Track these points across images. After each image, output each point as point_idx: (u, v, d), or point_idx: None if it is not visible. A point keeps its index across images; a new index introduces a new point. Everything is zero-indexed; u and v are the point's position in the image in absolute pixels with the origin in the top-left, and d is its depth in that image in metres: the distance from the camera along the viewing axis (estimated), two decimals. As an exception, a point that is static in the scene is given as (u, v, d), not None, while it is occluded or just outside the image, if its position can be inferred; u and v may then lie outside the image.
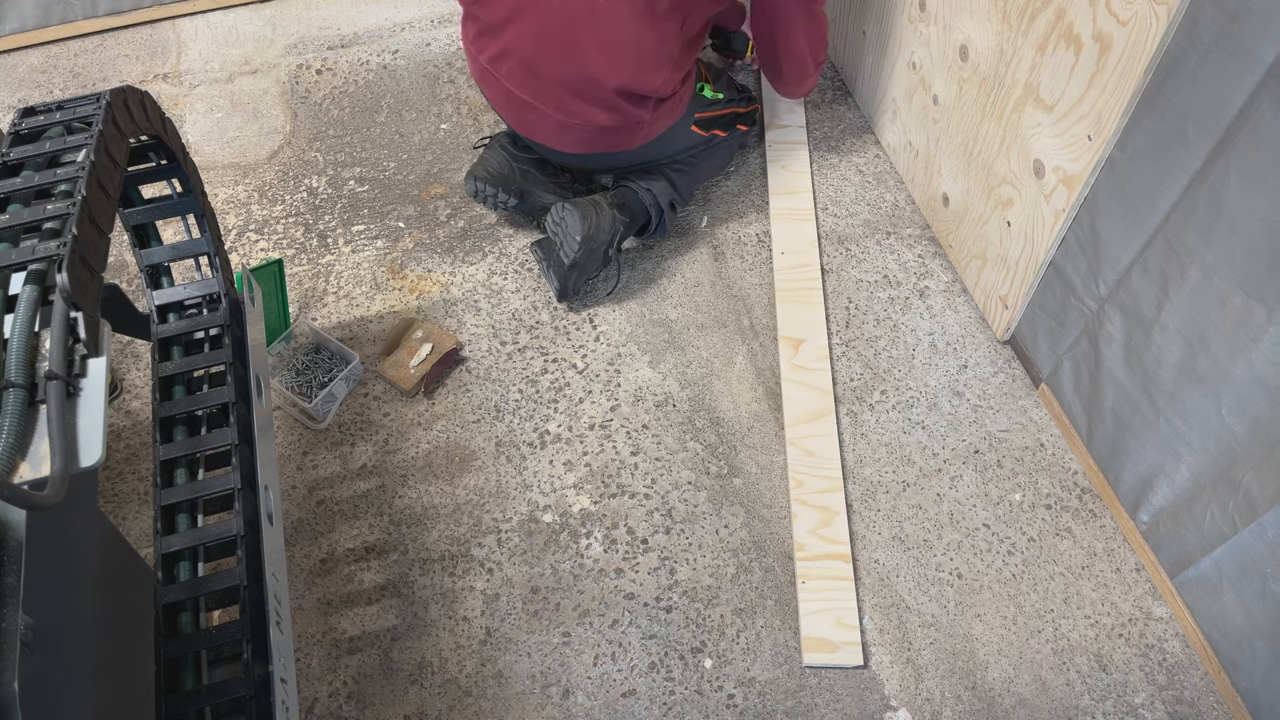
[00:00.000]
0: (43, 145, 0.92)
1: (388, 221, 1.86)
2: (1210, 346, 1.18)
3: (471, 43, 1.63)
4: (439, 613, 1.37)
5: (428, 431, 1.56)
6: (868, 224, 1.85)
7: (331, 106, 2.07)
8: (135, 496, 1.47)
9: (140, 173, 1.14)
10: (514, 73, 1.57)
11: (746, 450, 1.54)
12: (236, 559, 0.98)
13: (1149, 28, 1.12)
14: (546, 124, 1.61)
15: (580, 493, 1.49)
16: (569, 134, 1.61)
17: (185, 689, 0.92)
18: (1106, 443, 1.44)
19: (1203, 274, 1.17)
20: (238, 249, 1.81)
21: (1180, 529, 1.31)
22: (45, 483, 0.66)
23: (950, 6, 1.57)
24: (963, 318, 1.70)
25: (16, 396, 0.70)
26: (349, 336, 1.68)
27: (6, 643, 0.62)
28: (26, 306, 0.75)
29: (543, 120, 1.60)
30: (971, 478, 1.51)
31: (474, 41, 1.61)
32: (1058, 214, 1.39)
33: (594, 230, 1.63)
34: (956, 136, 1.64)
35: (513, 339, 1.68)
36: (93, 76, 2.14)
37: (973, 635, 1.35)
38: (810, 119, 2.04)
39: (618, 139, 1.62)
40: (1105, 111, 1.23)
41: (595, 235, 1.63)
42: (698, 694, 1.30)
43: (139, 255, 1.20)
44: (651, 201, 1.72)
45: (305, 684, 1.31)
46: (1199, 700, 1.30)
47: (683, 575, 1.41)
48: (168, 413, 1.07)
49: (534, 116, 1.61)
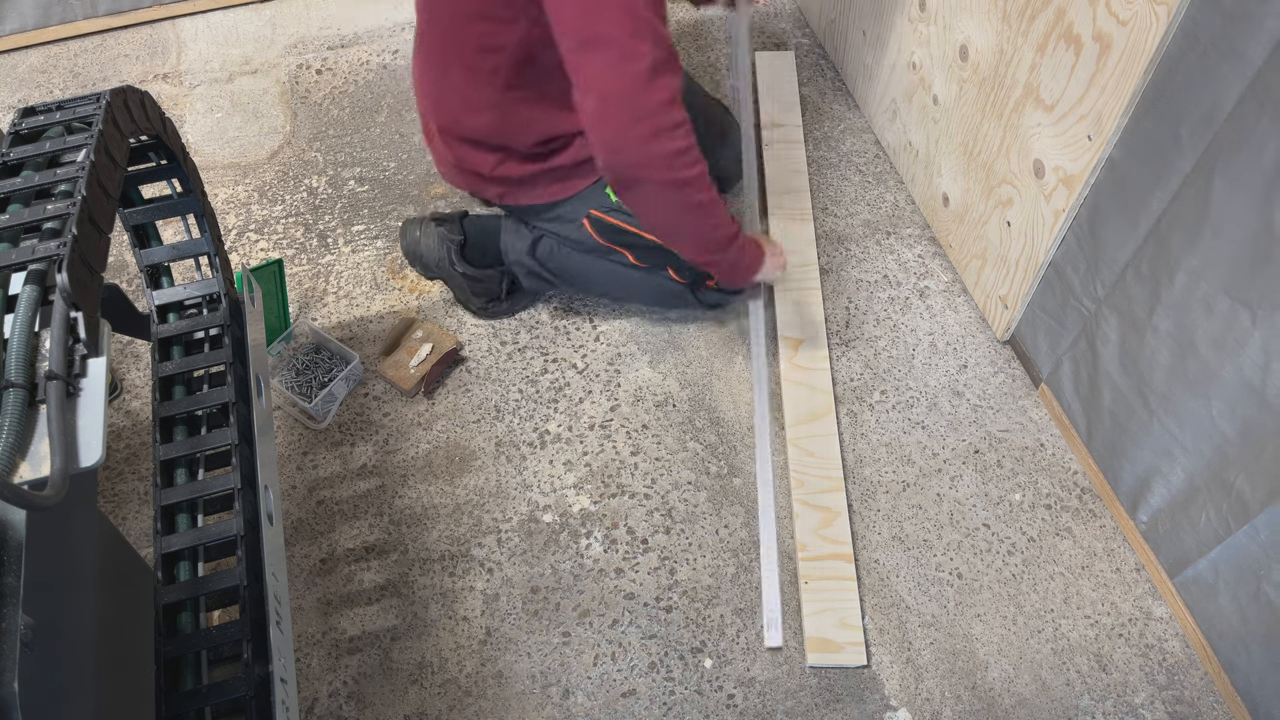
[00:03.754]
0: (43, 145, 0.92)
1: (388, 221, 1.86)
2: (1199, 350, 1.18)
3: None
4: (439, 613, 1.37)
5: (428, 431, 1.56)
6: (867, 224, 1.85)
7: (331, 106, 2.07)
8: (135, 496, 1.47)
9: (140, 173, 1.14)
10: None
11: (746, 450, 1.54)
12: (236, 559, 0.98)
13: (1149, 28, 1.12)
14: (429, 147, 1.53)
15: (580, 493, 1.49)
16: (439, 163, 1.51)
17: (185, 689, 0.92)
18: (1105, 443, 1.44)
19: (1189, 277, 1.18)
20: (238, 249, 1.81)
21: (1178, 530, 1.31)
22: (45, 483, 0.66)
23: (950, 6, 1.57)
24: (963, 318, 1.70)
25: (16, 396, 0.70)
26: (349, 336, 1.68)
27: (6, 643, 0.62)
28: (26, 306, 0.75)
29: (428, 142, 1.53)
30: (971, 478, 1.51)
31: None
32: (1058, 214, 1.39)
33: (411, 245, 1.63)
34: (956, 136, 1.64)
35: (513, 339, 1.68)
36: (93, 76, 2.14)
37: (973, 635, 1.35)
38: (810, 119, 2.04)
39: (475, 185, 1.48)
40: (1105, 112, 1.23)
41: (420, 253, 1.62)
42: (698, 694, 1.30)
43: (139, 255, 1.19)
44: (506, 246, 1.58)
45: (305, 684, 1.31)
46: (1199, 700, 1.30)
47: (683, 575, 1.41)
48: (168, 413, 1.07)
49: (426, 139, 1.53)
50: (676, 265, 1.50)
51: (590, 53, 1.06)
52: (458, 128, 1.39)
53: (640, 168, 1.14)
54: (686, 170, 1.15)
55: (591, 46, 1.06)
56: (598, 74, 1.07)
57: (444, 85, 1.36)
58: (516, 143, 1.38)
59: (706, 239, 1.29)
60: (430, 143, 1.51)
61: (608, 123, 1.10)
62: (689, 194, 1.19)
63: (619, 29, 1.04)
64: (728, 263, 1.35)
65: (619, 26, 1.03)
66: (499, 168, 1.41)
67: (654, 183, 1.16)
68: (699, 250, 1.32)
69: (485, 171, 1.42)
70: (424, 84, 1.42)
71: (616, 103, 1.08)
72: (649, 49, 1.04)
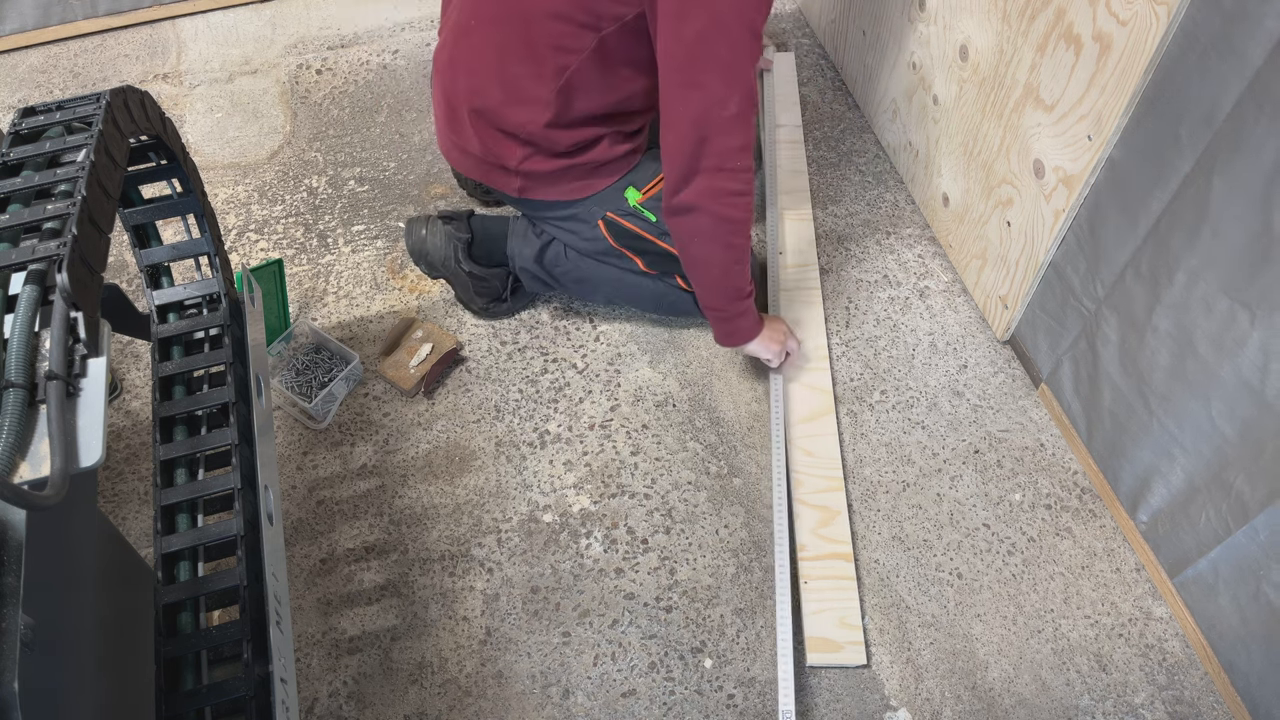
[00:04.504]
0: (43, 145, 0.92)
1: (388, 221, 1.86)
2: (1199, 350, 1.18)
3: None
4: (439, 613, 1.37)
5: (428, 431, 1.56)
6: (867, 224, 1.85)
7: (331, 106, 2.07)
8: (135, 496, 1.47)
9: (140, 173, 1.14)
10: (433, 78, 1.52)
11: (746, 450, 1.54)
12: (236, 559, 0.98)
13: (1149, 28, 1.12)
14: (440, 132, 1.53)
15: (580, 493, 1.49)
16: (451, 150, 1.51)
17: (185, 689, 0.92)
18: (1105, 443, 1.44)
19: (1189, 277, 1.18)
20: (238, 249, 1.81)
21: (1178, 530, 1.31)
22: (45, 483, 0.66)
23: (950, 6, 1.57)
24: (963, 318, 1.70)
25: (16, 396, 0.70)
26: (349, 336, 1.68)
27: (6, 643, 0.62)
28: (26, 306, 0.75)
29: (439, 127, 1.53)
30: (971, 478, 1.51)
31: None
32: (1058, 214, 1.39)
33: (417, 243, 1.62)
34: (956, 136, 1.64)
35: (513, 339, 1.68)
36: (93, 76, 2.14)
37: (973, 635, 1.35)
38: (810, 119, 2.04)
39: (493, 176, 1.47)
40: (1105, 112, 1.23)
41: (425, 251, 1.61)
42: (698, 694, 1.30)
43: (139, 255, 1.19)
44: (513, 251, 1.61)
45: (305, 684, 1.31)
46: (1199, 700, 1.30)
47: (683, 575, 1.41)
48: (168, 413, 1.07)
49: (437, 124, 1.54)
50: (684, 274, 1.53)
51: (689, 91, 1.21)
52: (497, 117, 1.39)
53: (700, 195, 1.27)
54: (737, 212, 1.29)
55: (692, 88, 1.20)
56: (690, 111, 1.21)
57: (497, 74, 1.36)
58: (553, 142, 1.39)
59: (724, 281, 1.39)
60: (451, 127, 1.48)
61: (686, 151, 1.24)
62: (730, 233, 1.31)
63: (719, 81, 1.19)
64: (726, 316, 1.45)
65: (719, 79, 1.19)
66: (526, 161, 1.42)
67: (706, 212, 1.28)
68: (712, 290, 1.42)
69: (511, 164, 1.43)
70: (469, 69, 1.39)
71: (699, 138, 1.22)
72: (737, 101, 1.20)
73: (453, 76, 1.43)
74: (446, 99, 1.46)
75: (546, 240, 1.58)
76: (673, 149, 1.25)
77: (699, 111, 1.21)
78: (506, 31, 1.32)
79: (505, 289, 1.65)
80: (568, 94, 1.34)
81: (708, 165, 1.24)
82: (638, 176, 1.48)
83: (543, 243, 1.58)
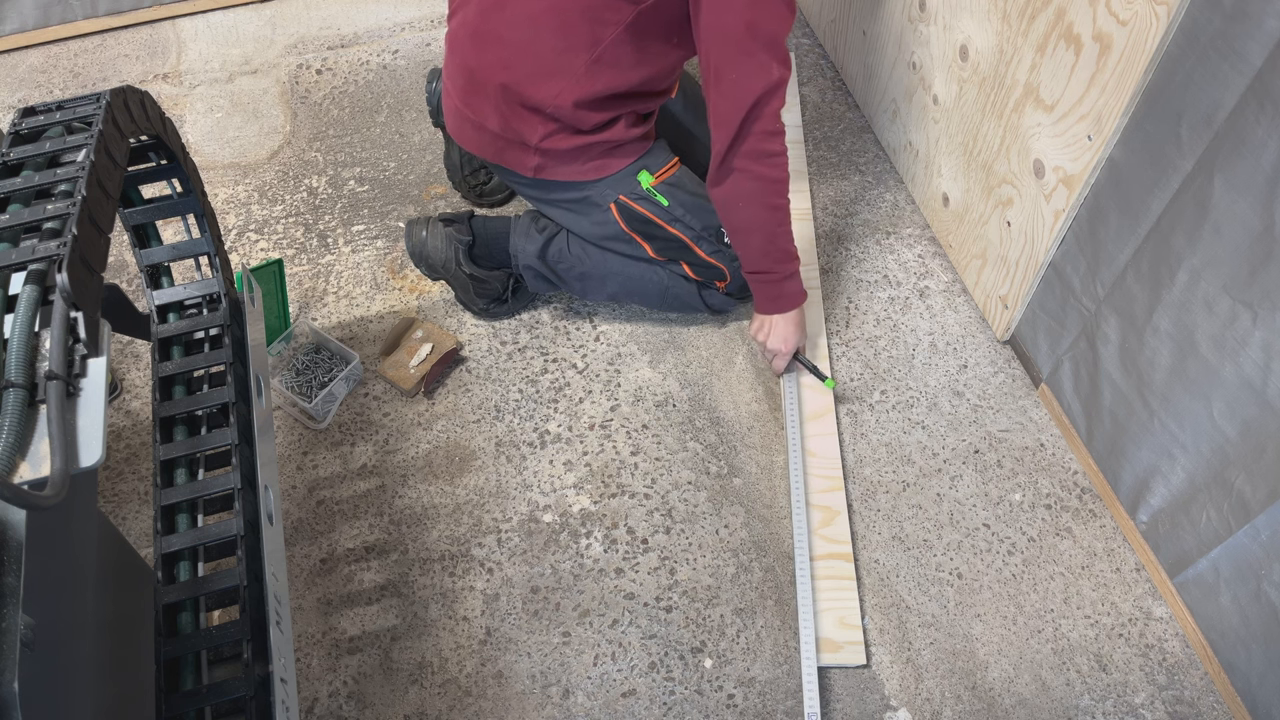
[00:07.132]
0: (43, 145, 0.92)
1: (388, 221, 1.86)
2: (1200, 350, 1.18)
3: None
4: (439, 613, 1.37)
5: (428, 431, 1.56)
6: (867, 224, 1.85)
7: (331, 106, 2.07)
8: (135, 496, 1.47)
9: (140, 173, 1.14)
10: (447, 55, 1.51)
11: (746, 450, 1.54)
12: (236, 559, 0.98)
13: (1149, 28, 1.12)
14: (452, 110, 1.52)
15: (580, 493, 1.49)
16: (465, 127, 1.50)
17: (185, 689, 0.92)
18: (1105, 443, 1.44)
19: (1190, 277, 1.17)
20: (238, 249, 1.81)
21: (1178, 530, 1.31)
22: (45, 483, 0.66)
23: (950, 6, 1.57)
24: (963, 318, 1.70)
25: (16, 396, 0.70)
26: (349, 336, 1.68)
27: (6, 643, 0.62)
28: (26, 306, 0.75)
29: (451, 105, 1.52)
30: (971, 478, 1.51)
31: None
32: (1058, 214, 1.39)
33: (418, 245, 1.61)
34: (956, 136, 1.64)
35: (513, 339, 1.68)
36: (93, 76, 2.14)
37: (973, 635, 1.35)
38: (810, 119, 2.04)
39: (508, 155, 1.48)
40: (1105, 112, 1.23)
41: (426, 254, 1.61)
42: (698, 694, 1.30)
43: (139, 255, 1.19)
44: (516, 248, 1.60)
45: (305, 684, 1.31)
46: (1199, 700, 1.30)
47: (683, 575, 1.41)
48: (168, 413, 1.07)
49: (449, 102, 1.53)
50: (691, 261, 1.56)
51: (743, 59, 1.29)
52: (525, 90, 1.39)
53: (745, 158, 1.35)
54: (776, 171, 1.37)
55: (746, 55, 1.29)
56: (743, 77, 1.29)
57: (531, 46, 1.37)
58: (579, 120, 1.41)
59: (772, 241, 1.45)
60: (467, 103, 1.46)
61: (738, 117, 1.32)
62: (772, 193, 1.39)
63: (767, 49, 1.28)
64: (774, 279, 1.48)
65: (768, 47, 1.28)
66: (548, 139, 1.43)
67: (749, 173, 1.36)
68: (761, 251, 1.46)
69: (533, 141, 1.43)
70: (501, 40, 1.39)
71: (753, 102, 1.30)
72: (778, 70, 1.30)
73: (480, 48, 1.42)
74: (469, 72, 1.45)
75: (550, 236, 1.58)
76: (726, 115, 1.32)
77: (752, 78, 1.29)
78: (543, 3, 1.34)
79: (506, 289, 1.65)
80: (598, 68, 1.36)
81: (757, 129, 1.32)
82: (651, 161, 1.51)
83: (546, 238, 1.58)
